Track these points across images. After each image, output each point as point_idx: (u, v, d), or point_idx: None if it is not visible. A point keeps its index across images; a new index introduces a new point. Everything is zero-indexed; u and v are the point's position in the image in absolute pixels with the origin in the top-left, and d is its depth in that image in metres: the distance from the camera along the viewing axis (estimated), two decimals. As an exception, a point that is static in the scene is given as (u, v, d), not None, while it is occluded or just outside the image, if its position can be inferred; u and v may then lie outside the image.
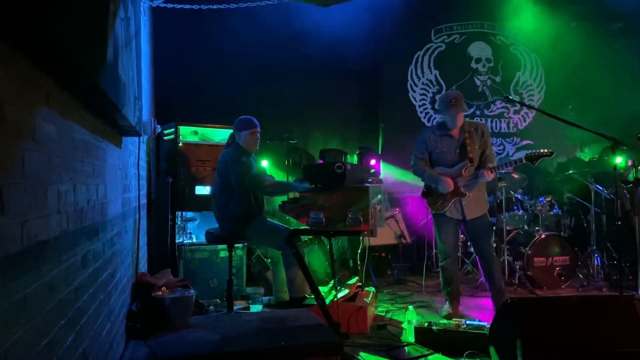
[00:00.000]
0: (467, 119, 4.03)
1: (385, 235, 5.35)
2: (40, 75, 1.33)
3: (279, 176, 5.43)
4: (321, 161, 5.75)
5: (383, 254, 5.66)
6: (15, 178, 1.14)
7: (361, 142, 6.41)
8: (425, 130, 4.17)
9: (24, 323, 1.16)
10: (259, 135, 3.83)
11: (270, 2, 5.11)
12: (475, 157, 3.88)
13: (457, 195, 3.88)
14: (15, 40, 1.08)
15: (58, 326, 1.43)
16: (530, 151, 3.80)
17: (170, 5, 4.36)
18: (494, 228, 4.95)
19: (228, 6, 4.86)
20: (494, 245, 4.12)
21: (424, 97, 6.53)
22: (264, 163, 5.55)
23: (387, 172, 6.29)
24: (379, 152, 6.37)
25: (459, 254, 5.18)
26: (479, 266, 4.30)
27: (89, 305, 1.83)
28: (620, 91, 6.65)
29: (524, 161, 3.77)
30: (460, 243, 5.01)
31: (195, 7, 4.65)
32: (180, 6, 4.51)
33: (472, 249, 5.19)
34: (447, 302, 4.05)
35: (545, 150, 3.77)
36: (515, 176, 5.20)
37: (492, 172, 3.78)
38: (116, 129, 2.50)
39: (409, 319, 3.43)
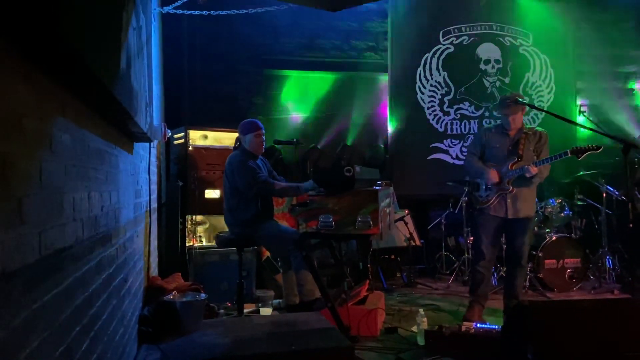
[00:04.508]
0: (527, 126, 3.97)
1: (394, 238, 5.34)
2: (57, 87, 1.35)
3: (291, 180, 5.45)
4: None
5: (392, 257, 5.65)
6: (34, 188, 1.17)
7: (370, 144, 6.42)
8: (484, 127, 4.16)
9: (41, 331, 1.18)
10: (263, 137, 3.84)
11: (278, 7, 5.13)
12: (527, 156, 3.79)
13: (502, 190, 3.80)
14: (34, 55, 1.10)
15: (74, 333, 1.45)
16: (577, 145, 3.70)
17: (179, 11, 4.39)
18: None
19: (237, 11, 4.89)
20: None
21: (433, 98, 6.52)
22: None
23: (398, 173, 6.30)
24: (386, 155, 6.37)
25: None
26: (492, 269, 4.24)
27: (103, 311, 1.86)
28: (632, 92, 6.62)
29: (569, 154, 3.68)
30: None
31: (205, 12, 4.68)
32: (189, 12, 4.54)
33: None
34: (468, 307, 3.96)
35: (593, 145, 3.64)
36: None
37: (535, 167, 3.67)
38: (128, 135, 2.53)
39: (419, 322, 3.42)
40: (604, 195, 5.16)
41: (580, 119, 5.24)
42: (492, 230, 3.89)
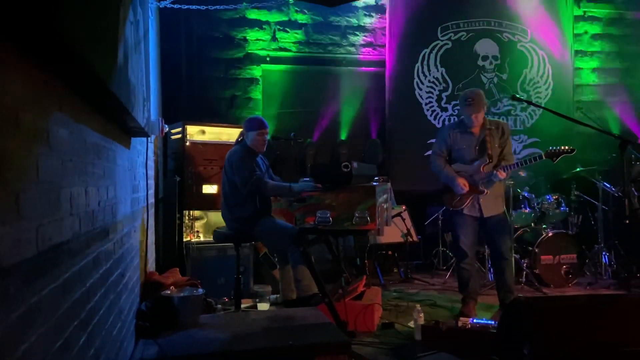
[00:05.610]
0: (488, 117, 3.97)
1: (391, 233, 5.35)
2: (54, 81, 1.34)
3: (287, 176, 5.44)
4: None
5: (390, 252, 5.66)
6: (30, 184, 1.16)
7: (367, 140, 6.42)
8: (445, 126, 4.12)
9: (39, 326, 1.18)
10: (266, 136, 3.84)
11: (275, 2, 5.12)
12: (495, 154, 3.83)
13: (475, 192, 3.83)
14: (30, 49, 1.10)
15: (71, 327, 1.45)
16: (550, 148, 3.72)
17: (177, 6, 4.37)
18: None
19: (235, 6, 4.88)
20: (511, 245, 4.03)
21: (431, 95, 6.51)
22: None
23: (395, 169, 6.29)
24: (384, 151, 6.37)
25: None
26: (489, 264, 4.24)
27: (100, 306, 1.86)
28: (632, 88, 6.63)
29: (544, 158, 3.69)
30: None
31: (202, 7, 4.67)
32: (187, 6, 4.52)
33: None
34: (462, 304, 3.99)
35: (566, 147, 3.69)
36: (522, 174, 5.18)
37: (505, 172, 3.73)
38: (125, 130, 2.52)
39: (416, 317, 3.44)
40: (601, 191, 5.18)
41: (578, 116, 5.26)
42: (470, 228, 3.93)
